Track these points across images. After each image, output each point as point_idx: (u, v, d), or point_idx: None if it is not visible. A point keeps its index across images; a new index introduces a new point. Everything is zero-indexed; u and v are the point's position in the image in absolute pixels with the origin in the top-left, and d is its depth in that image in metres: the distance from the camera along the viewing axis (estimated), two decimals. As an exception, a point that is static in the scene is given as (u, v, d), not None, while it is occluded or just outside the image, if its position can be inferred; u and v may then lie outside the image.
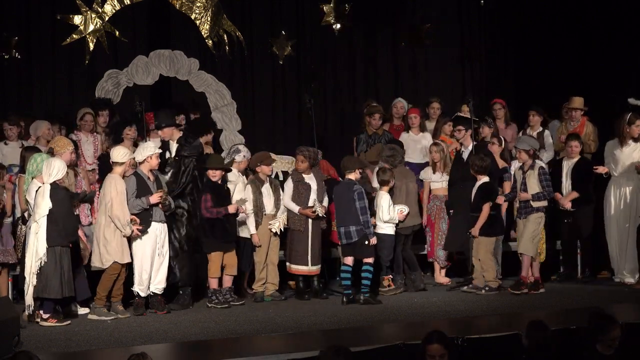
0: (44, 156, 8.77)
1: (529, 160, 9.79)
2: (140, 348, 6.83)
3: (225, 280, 9.48)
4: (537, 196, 9.70)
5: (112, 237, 8.76)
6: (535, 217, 9.74)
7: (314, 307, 9.17)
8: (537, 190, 9.71)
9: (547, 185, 9.72)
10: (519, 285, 9.65)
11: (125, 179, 8.96)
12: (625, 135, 10.24)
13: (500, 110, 11.68)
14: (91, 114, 10.62)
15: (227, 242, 9.46)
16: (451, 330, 6.68)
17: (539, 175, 9.72)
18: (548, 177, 9.78)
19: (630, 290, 9.87)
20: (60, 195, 8.37)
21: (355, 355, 6.18)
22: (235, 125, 12.49)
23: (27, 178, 8.73)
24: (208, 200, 9.33)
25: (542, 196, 9.71)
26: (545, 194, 9.72)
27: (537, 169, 9.74)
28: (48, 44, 11.77)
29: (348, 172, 9.65)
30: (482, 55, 13.85)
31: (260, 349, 7.06)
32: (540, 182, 9.71)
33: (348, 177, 9.63)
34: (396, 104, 11.83)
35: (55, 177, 8.40)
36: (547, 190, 9.73)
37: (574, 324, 7.13)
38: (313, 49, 13.06)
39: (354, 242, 9.42)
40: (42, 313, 8.30)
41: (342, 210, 9.52)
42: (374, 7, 13.18)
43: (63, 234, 8.32)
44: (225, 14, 12.54)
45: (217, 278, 9.40)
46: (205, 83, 12.42)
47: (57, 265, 8.27)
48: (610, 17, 12.60)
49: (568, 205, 10.39)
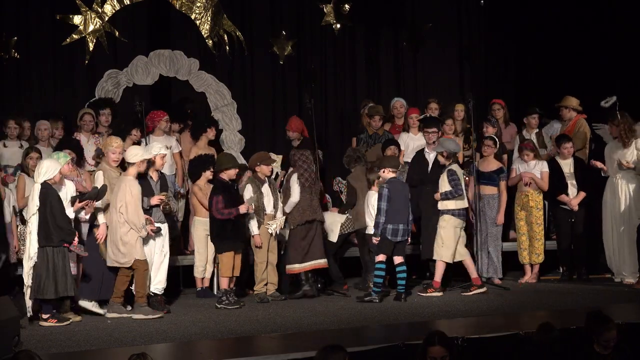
0: (61, 154, 8.83)
1: (445, 162, 9.83)
2: (140, 348, 6.83)
3: (221, 282, 9.48)
4: (444, 194, 9.73)
5: (127, 235, 8.75)
6: (445, 219, 9.74)
7: (314, 307, 9.17)
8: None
9: (455, 186, 9.70)
10: (426, 288, 9.77)
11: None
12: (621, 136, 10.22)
13: (499, 111, 11.69)
14: (91, 114, 10.61)
15: (238, 243, 9.48)
16: (451, 330, 6.67)
17: (447, 177, 9.74)
18: (457, 178, 9.73)
19: (630, 290, 9.87)
20: (50, 195, 8.31)
21: (355, 355, 6.19)
22: (236, 125, 12.49)
23: None
24: (219, 202, 9.32)
25: (449, 195, 9.70)
26: (453, 192, 9.69)
27: (446, 172, 9.77)
28: (48, 44, 11.77)
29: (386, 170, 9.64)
30: (482, 55, 13.86)
31: (260, 349, 7.06)
32: (449, 182, 9.73)
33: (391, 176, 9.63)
34: (395, 104, 11.83)
35: (45, 176, 8.37)
36: (456, 190, 9.70)
37: (574, 324, 7.13)
38: (313, 49, 13.07)
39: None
40: (42, 314, 8.30)
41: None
42: (374, 7, 13.19)
43: (55, 234, 8.27)
44: (225, 14, 12.54)
45: (228, 278, 9.40)
46: (205, 83, 12.42)
47: (50, 266, 8.23)
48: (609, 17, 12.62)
49: (576, 207, 10.40)
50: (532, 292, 9.91)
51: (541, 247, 10.49)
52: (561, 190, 10.48)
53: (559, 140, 10.67)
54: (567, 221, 10.51)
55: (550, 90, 12.33)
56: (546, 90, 12.57)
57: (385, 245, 9.47)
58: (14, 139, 10.07)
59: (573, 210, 10.46)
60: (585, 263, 10.68)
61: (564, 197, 10.43)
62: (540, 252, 10.49)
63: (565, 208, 10.50)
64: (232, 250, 9.40)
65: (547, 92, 12.36)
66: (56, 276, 8.24)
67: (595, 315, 6.29)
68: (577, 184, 10.47)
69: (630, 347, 6.28)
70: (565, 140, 10.60)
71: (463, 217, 9.84)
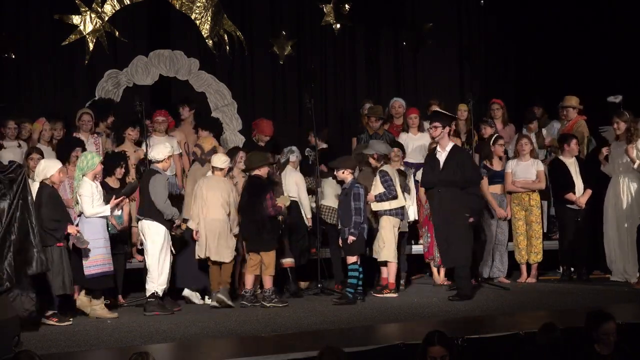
0: (94, 154, 8.90)
1: (376, 164, 9.84)
2: (140, 348, 6.83)
3: (267, 281, 9.40)
4: (378, 197, 9.73)
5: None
6: (384, 220, 9.74)
7: (314, 307, 9.17)
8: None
9: (388, 187, 9.69)
10: (382, 289, 9.75)
11: None
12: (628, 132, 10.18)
13: (498, 111, 11.70)
14: (89, 114, 10.61)
15: (279, 240, 9.54)
16: (451, 330, 6.67)
17: (380, 179, 9.75)
18: (389, 179, 9.71)
19: (630, 290, 9.87)
20: (43, 195, 8.29)
21: (355, 355, 6.19)
22: (236, 125, 12.51)
23: (77, 175, 8.77)
24: (272, 198, 9.32)
25: (383, 197, 9.70)
26: (386, 194, 9.68)
27: (378, 173, 9.79)
28: (48, 44, 11.78)
29: None
30: (482, 55, 13.86)
31: (260, 349, 7.06)
32: (382, 184, 9.73)
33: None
34: (393, 104, 11.83)
35: (43, 176, 8.39)
36: (389, 191, 9.69)
37: (574, 324, 7.12)
38: (313, 49, 13.07)
39: None
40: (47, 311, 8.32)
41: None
42: (374, 7, 13.20)
43: (45, 235, 8.19)
44: (225, 14, 12.55)
45: (272, 276, 9.38)
46: (205, 83, 12.43)
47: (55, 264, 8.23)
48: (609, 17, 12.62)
49: (584, 205, 10.39)
50: (532, 292, 9.90)
51: (540, 245, 10.49)
52: (567, 189, 10.45)
53: (563, 140, 10.62)
54: (574, 220, 10.45)
55: (550, 90, 12.34)
56: (546, 90, 12.57)
57: (360, 245, 9.47)
58: (13, 139, 10.07)
59: (580, 209, 10.43)
60: (585, 263, 10.67)
61: (571, 196, 10.40)
62: (539, 251, 10.49)
63: (572, 207, 10.46)
64: (276, 248, 9.41)
65: (547, 92, 12.36)
66: (53, 274, 8.23)
67: (595, 314, 6.30)
68: (583, 183, 10.45)
69: (630, 347, 6.28)
70: (569, 138, 10.57)
71: (401, 216, 9.84)
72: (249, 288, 9.38)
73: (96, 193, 8.72)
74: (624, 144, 10.09)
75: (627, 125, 10.05)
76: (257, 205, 9.28)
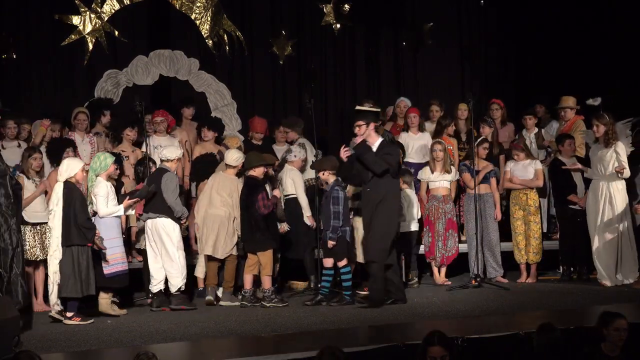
0: (107, 155, 8.95)
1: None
2: (141, 348, 6.83)
3: (265, 281, 9.37)
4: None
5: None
6: (357, 221, 9.66)
7: (313, 307, 9.16)
8: None
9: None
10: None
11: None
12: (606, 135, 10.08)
13: (498, 111, 11.70)
14: (85, 113, 10.61)
15: (276, 239, 9.53)
16: (451, 330, 6.67)
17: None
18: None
19: (630, 290, 9.85)
20: (73, 194, 8.36)
21: (355, 355, 6.19)
22: (235, 125, 12.51)
23: (91, 176, 8.82)
24: (265, 198, 9.29)
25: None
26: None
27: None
28: (47, 44, 11.78)
29: None
30: (482, 55, 13.86)
31: (260, 349, 7.06)
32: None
33: None
34: (399, 104, 11.83)
35: (67, 175, 8.43)
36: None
37: (574, 324, 7.13)
38: (313, 49, 13.07)
39: None
40: (67, 312, 8.36)
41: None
42: (374, 7, 13.20)
43: (76, 234, 8.29)
44: (225, 14, 12.56)
45: (270, 276, 9.38)
46: (205, 83, 12.43)
47: (75, 265, 8.29)
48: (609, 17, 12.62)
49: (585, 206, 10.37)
50: (532, 292, 9.89)
51: (539, 245, 10.48)
52: (570, 190, 10.42)
53: (560, 139, 10.63)
54: (576, 221, 10.42)
55: (550, 90, 12.34)
56: (546, 90, 12.57)
57: (345, 248, 9.37)
58: (13, 139, 10.07)
59: (580, 210, 10.40)
60: (585, 263, 10.65)
61: (573, 197, 10.38)
62: (538, 251, 10.48)
63: (575, 208, 10.44)
64: (274, 247, 9.41)
65: (547, 92, 12.36)
66: (80, 275, 8.29)
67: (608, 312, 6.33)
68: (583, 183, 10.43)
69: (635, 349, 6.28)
70: (564, 138, 10.57)
71: None
72: (248, 288, 9.38)
73: (111, 193, 8.78)
74: (602, 146, 10.03)
75: (605, 128, 9.99)
76: (250, 206, 9.31)
